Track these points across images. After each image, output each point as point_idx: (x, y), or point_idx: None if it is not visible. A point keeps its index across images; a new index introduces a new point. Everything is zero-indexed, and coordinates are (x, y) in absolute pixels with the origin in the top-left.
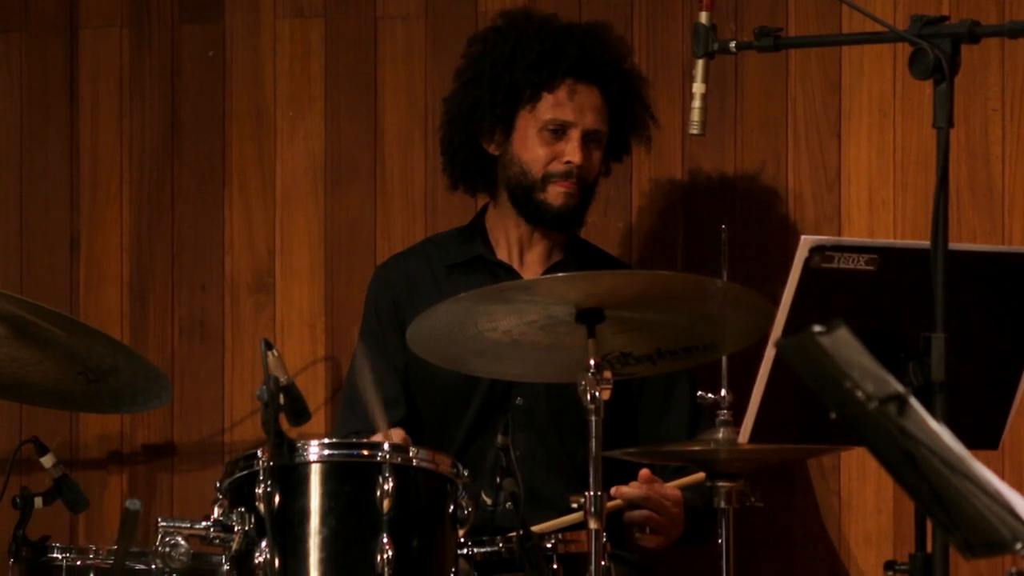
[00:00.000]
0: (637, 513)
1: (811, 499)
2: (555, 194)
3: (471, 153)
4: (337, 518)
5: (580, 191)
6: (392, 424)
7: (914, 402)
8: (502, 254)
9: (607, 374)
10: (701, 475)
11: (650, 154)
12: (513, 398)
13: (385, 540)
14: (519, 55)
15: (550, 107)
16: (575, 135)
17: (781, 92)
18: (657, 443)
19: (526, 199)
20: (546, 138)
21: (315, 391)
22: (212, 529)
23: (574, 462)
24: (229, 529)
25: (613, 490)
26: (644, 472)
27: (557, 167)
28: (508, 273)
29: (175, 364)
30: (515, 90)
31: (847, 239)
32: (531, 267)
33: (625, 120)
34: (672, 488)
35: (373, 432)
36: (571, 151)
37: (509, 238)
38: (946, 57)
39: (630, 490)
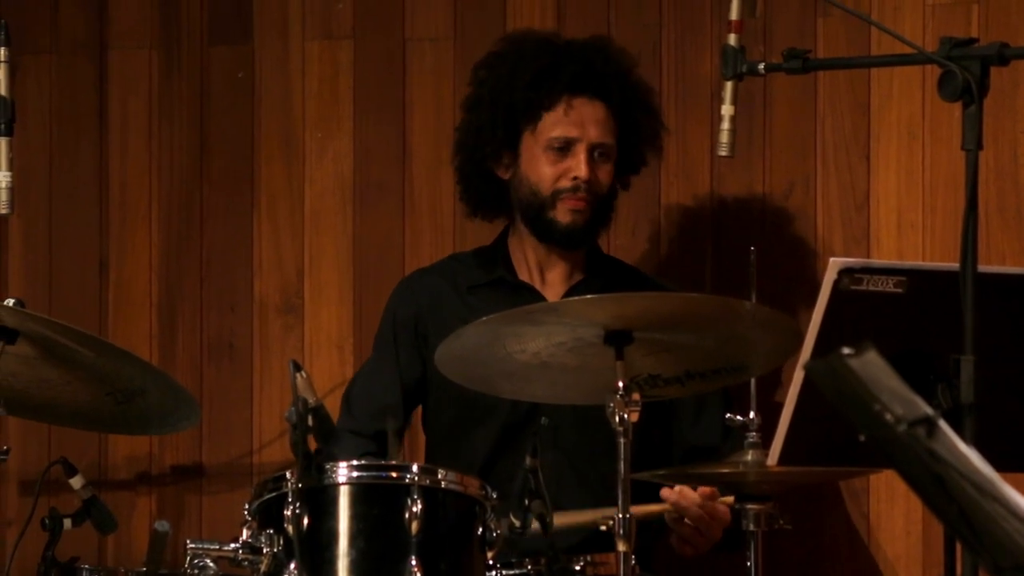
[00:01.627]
0: (681, 528)
1: (840, 521)
2: (563, 211)
3: (483, 180)
4: (366, 540)
5: (590, 206)
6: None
7: (943, 425)
8: (523, 275)
9: (636, 396)
10: (730, 499)
11: (679, 176)
12: (538, 416)
13: (414, 562)
14: (516, 77)
15: (551, 125)
16: (580, 150)
17: (810, 114)
18: (686, 466)
19: (537, 218)
20: (552, 157)
21: None
22: (241, 551)
23: (602, 480)
24: (258, 551)
25: (674, 491)
26: (712, 490)
27: (564, 183)
28: (531, 293)
29: (204, 385)
30: (514, 112)
31: (876, 261)
32: (553, 287)
33: (633, 131)
34: (725, 509)
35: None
36: (577, 166)
37: (528, 259)
38: (975, 79)
39: (687, 502)
